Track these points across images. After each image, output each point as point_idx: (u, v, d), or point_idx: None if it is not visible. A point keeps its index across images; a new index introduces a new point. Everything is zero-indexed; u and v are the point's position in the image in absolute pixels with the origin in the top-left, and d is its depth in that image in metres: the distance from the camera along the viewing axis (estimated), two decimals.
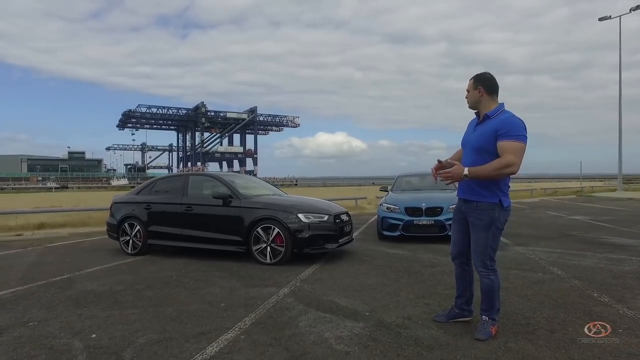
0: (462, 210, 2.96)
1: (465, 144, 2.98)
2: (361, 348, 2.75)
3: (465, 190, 2.92)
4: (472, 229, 2.89)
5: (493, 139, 2.72)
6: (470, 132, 2.97)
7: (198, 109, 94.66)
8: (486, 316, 2.92)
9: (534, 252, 6.16)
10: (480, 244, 2.85)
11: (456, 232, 3.06)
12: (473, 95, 2.88)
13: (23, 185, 43.78)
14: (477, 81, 2.87)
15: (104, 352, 2.76)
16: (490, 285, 2.87)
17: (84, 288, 4.48)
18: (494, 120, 2.79)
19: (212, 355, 2.69)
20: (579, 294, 3.88)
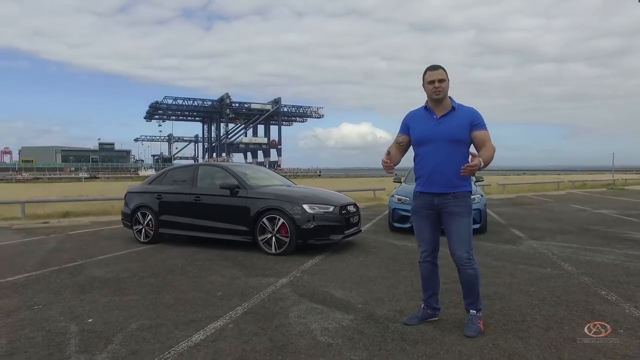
0: (435, 204, 2.83)
1: (434, 137, 2.78)
2: (345, 340, 2.74)
3: (442, 184, 2.79)
4: (453, 219, 2.79)
5: (468, 130, 2.76)
6: (431, 125, 2.81)
7: (223, 100, 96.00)
8: (474, 309, 2.84)
9: (548, 246, 5.94)
10: (464, 232, 2.79)
11: (426, 228, 2.91)
12: (447, 85, 2.78)
13: (57, 175, 45.72)
14: (445, 70, 2.80)
15: (96, 337, 2.86)
16: (475, 275, 2.82)
17: (92, 274, 4.64)
18: (463, 112, 2.81)
19: (196, 343, 2.73)
20: (585, 292, 3.72)
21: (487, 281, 4.13)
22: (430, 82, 2.75)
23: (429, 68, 2.80)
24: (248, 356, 2.53)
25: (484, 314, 3.17)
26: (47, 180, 41.32)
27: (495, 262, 5.02)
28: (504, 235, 7.07)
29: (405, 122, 2.96)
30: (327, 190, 6.90)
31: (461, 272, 2.84)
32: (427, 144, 2.82)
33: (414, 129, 2.88)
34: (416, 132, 2.86)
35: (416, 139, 2.87)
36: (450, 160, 2.74)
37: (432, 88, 2.75)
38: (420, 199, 2.91)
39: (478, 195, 7.28)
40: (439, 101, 2.78)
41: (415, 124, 2.89)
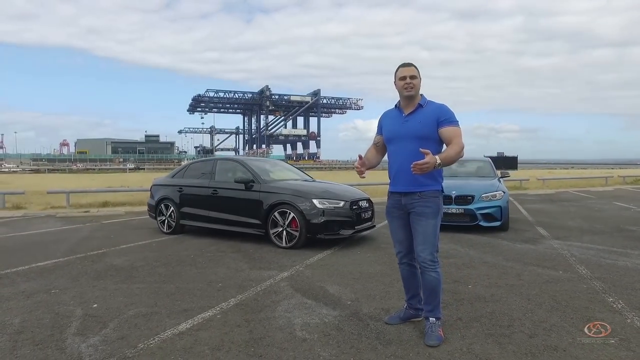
0: (403, 204, 2.78)
1: (400, 135, 2.75)
2: (320, 337, 2.79)
3: (407, 183, 2.72)
4: (419, 220, 2.72)
5: (434, 126, 2.69)
6: (398, 123, 2.77)
7: (263, 92, 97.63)
8: (433, 317, 2.75)
9: (570, 247, 5.65)
10: (429, 233, 2.71)
11: (400, 229, 2.87)
12: (419, 83, 2.74)
13: (107, 166, 48.66)
14: (417, 68, 2.74)
15: (95, 321, 3.10)
16: (437, 279, 2.72)
17: (111, 262, 4.98)
18: (429, 109, 2.74)
19: (181, 331, 2.89)
20: (591, 298, 3.53)
21: (489, 282, 4.03)
22: (402, 78, 2.71)
23: (401, 65, 2.76)
24: (224, 346, 2.65)
25: (471, 317, 3.12)
26: (96, 171, 44.07)
27: (505, 262, 4.86)
28: (526, 233, 6.78)
29: (379, 122, 2.94)
30: (342, 185, 6.92)
31: (424, 276, 2.75)
32: (394, 143, 2.79)
33: (385, 127, 2.87)
34: (385, 131, 2.86)
35: (385, 138, 2.86)
36: (415, 159, 2.55)
37: (403, 84, 2.70)
38: (391, 199, 2.87)
39: (500, 192, 7.02)
40: (410, 98, 2.73)
41: (386, 123, 2.87)
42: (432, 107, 2.74)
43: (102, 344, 2.69)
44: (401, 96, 2.77)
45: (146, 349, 2.61)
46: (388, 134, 2.82)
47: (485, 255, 5.21)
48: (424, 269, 2.74)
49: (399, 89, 2.75)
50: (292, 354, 2.54)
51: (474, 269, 4.58)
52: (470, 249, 5.59)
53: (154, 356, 2.52)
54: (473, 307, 3.34)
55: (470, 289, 3.84)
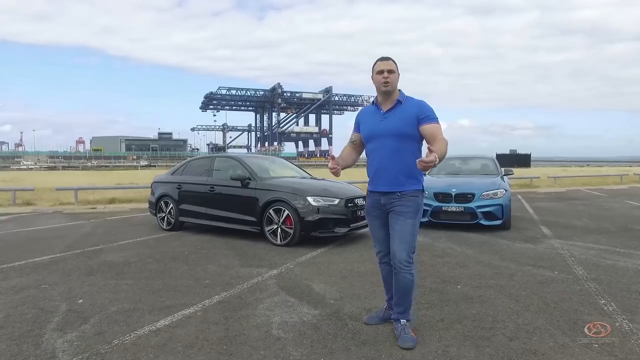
0: (382, 203, 2.69)
1: (380, 133, 2.65)
2: (296, 336, 2.76)
3: (388, 182, 2.64)
4: (398, 219, 2.63)
5: (415, 124, 2.61)
6: (377, 120, 2.67)
7: (274, 90, 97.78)
8: (404, 320, 2.69)
9: (571, 247, 5.50)
10: (407, 232, 2.63)
11: (379, 228, 2.79)
12: (397, 78, 2.63)
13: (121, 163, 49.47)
14: (395, 63, 2.63)
15: (76, 316, 3.12)
16: (411, 281, 2.65)
17: (105, 259, 5.03)
18: (408, 105, 2.65)
19: (158, 328, 2.90)
20: (582, 300, 3.42)
21: (479, 282, 3.94)
22: (380, 72, 2.60)
23: (379, 59, 2.65)
24: (197, 344, 2.64)
25: (454, 318, 3.06)
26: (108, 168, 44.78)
27: (500, 262, 4.75)
28: (527, 232, 6.63)
29: (357, 119, 2.84)
30: (339, 183, 6.86)
31: (398, 276, 2.66)
32: (373, 141, 2.69)
33: (363, 126, 2.77)
34: (364, 129, 2.75)
35: (364, 136, 2.75)
36: (395, 157, 2.60)
37: (380, 78, 2.59)
38: (370, 199, 2.79)
39: (501, 190, 6.88)
40: (388, 94, 2.64)
41: (364, 120, 2.77)
42: (412, 104, 2.65)
43: (78, 340, 2.71)
44: (378, 92, 2.67)
45: (120, 346, 2.62)
46: (367, 132, 2.73)
47: (481, 255, 5.11)
48: (399, 270, 2.64)
49: (376, 84, 2.64)
50: (262, 353, 2.52)
51: (467, 268, 4.49)
52: (467, 248, 5.49)
53: (126, 352, 2.53)
54: (458, 308, 3.26)
55: (459, 289, 3.76)
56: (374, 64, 2.66)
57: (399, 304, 2.71)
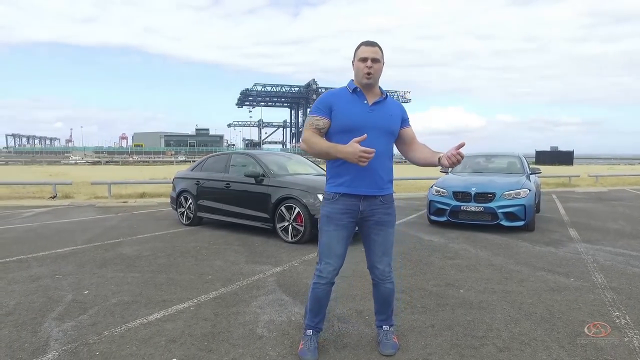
0: (360, 210, 2.36)
1: (367, 126, 2.29)
2: (279, 335, 2.75)
3: (371, 185, 2.34)
4: (380, 229, 2.42)
5: (399, 124, 2.44)
6: (363, 112, 2.32)
7: (309, 86, 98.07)
8: (387, 325, 2.58)
9: (597, 252, 5.15)
10: (390, 243, 2.48)
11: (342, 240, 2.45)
12: (381, 69, 2.34)
13: (160, 158, 51.50)
14: (381, 50, 2.33)
15: (78, 307, 3.27)
16: (393, 289, 2.52)
17: (121, 251, 5.23)
18: (393, 103, 2.46)
19: (150, 321, 2.98)
20: (592, 311, 3.18)
21: (485, 287, 3.77)
22: (363, 59, 2.28)
23: (364, 43, 2.32)
24: (180, 339, 2.69)
25: (446, 324, 2.94)
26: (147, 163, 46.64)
27: (514, 265, 4.52)
28: (553, 235, 6.28)
29: (327, 102, 2.34)
30: None
31: (379, 287, 2.51)
32: (355, 134, 2.21)
33: (342, 112, 2.31)
34: (345, 117, 2.30)
35: (344, 125, 2.30)
36: (383, 156, 2.34)
37: (363, 67, 2.27)
38: (341, 203, 2.35)
39: (525, 189, 6.55)
40: (369, 86, 2.34)
41: (342, 107, 2.32)
42: (393, 102, 2.47)
43: (73, 329, 2.83)
44: (358, 81, 2.35)
45: (109, 337, 2.71)
46: (350, 122, 2.30)
47: (495, 258, 4.89)
48: (381, 282, 2.49)
49: (356, 71, 2.33)
50: (240, 351, 2.53)
51: (476, 271, 4.31)
52: (481, 250, 5.27)
53: (112, 344, 2.62)
54: (453, 313, 3.13)
55: (462, 293, 3.61)
56: (357, 48, 2.34)
57: (381, 312, 2.58)
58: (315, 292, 2.44)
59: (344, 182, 2.36)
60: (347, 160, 2.17)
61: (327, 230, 2.41)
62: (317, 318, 2.51)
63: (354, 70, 2.36)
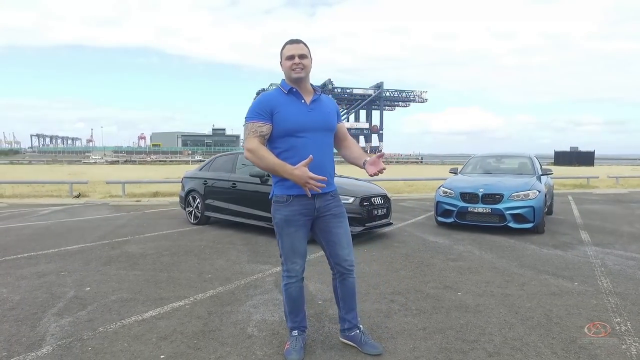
0: (316, 207, 2.40)
1: (310, 126, 2.34)
2: (268, 335, 2.77)
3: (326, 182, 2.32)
4: (339, 221, 2.47)
5: (335, 120, 2.49)
6: (303, 111, 2.34)
7: (325, 86, 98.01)
8: (360, 324, 2.59)
9: (607, 255, 5.00)
10: (349, 234, 2.54)
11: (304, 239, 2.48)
12: (310, 64, 2.37)
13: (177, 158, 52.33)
14: (307, 47, 2.38)
15: (78, 303, 3.35)
16: (355, 283, 2.57)
17: (127, 249, 5.34)
18: (326, 99, 2.50)
19: (144, 318, 3.03)
20: (592, 316, 3.09)
21: (484, 290, 3.71)
22: (290, 57, 2.32)
23: (288, 42, 2.37)
24: (171, 336, 2.73)
25: (438, 327, 2.90)
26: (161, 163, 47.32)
27: (517, 269, 4.43)
28: (562, 237, 6.13)
29: (267, 106, 2.32)
30: (358, 181, 6.75)
31: (346, 281, 2.53)
32: (302, 135, 2.31)
33: (284, 115, 2.31)
34: (288, 120, 2.31)
35: (288, 129, 2.31)
36: (328, 153, 2.41)
37: (291, 64, 2.31)
38: (296, 204, 2.37)
39: (534, 191, 6.41)
40: (300, 82, 2.35)
41: (283, 109, 2.32)
42: (326, 98, 2.52)
43: (70, 325, 2.91)
44: (289, 78, 2.37)
45: (103, 333, 2.78)
46: (293, 124, 2.31)
47: (499, 260, 4.80)
48: (347, 274, 2.52)
49: (286, 70, 2.36)
50: (228, 350, 2.55)
51: (478, 274, 4.24)
52: (486, 252, 5.18)
53: (105, 340, 2.67)
54: (447, 316, 3.09)
55: (459, 296, 3.56)
56: (283, 47, 2.38)
57: (352, 309, 2.57)
58: (288, 292, 2.49)
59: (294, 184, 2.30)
60: (292, 180, 2.21)
61: (288, 232, 2.43)
62: (299, 317, 2.54)
63: (283, 71, 2.39)
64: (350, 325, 2.58)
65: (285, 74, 2.39)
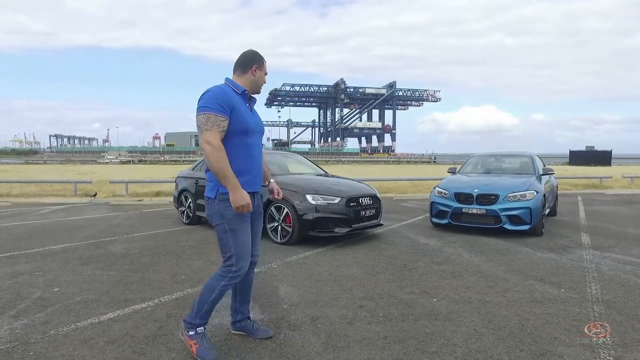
0: (255, 205, 2.53)
1: (258, 129, 2.49)
2: (220, 340, 2.66)
3: (259, 182, 2.53)
4: (259, 218, 2.64)
5: None
6: (251, 114, 2.45)
7: (338, 85, 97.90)
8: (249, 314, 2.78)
9: (604, 260, 4.74)
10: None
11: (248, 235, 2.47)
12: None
13: (190, 158, 52.82)
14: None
15: (40, 304, 3.30)
16: (254, 277, 2.77)
17: (110, 249, 5.31)
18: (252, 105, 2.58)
19: (100, 321, 2.95)
20: (572, 326, 2.89)
21: (462, 296, 3.52)
22: (266, 73, 2.53)
23: (264, 59, 2.52)
24: (120, 340, 2.64)
25: (401, 336, 2.75)
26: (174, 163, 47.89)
27: (503, 273, 4.22)
28: (560, 240, 5.86)
29: (229, 101, 2.29)
30: (348, 181, 6.60)
31: (249, 275, 2.64)
32: (252, 136, 2.42)
33: (240, 114, 2.34)
34: (244, 119, 2.35)
35: (246, 128, 2.36)
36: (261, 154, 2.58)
37: (265, 80, 2.54)
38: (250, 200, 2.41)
39: (531, 191, 6.16)
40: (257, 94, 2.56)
41: (239, 108, 2.35)
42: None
43: (22, 328, 2.85)
44: (254, 87, 2.49)
45: (52, 337, 2.70)
46: (247, 125, 2.37)
47: (486, 264, 4.59)
48: (252, 267, 2.66)
49: (258, 81, 2.49)
50: (173, 356, 2.45)
51: (460, 279, 4.05)
52: (475, 255, 4.98)
53: (50, 344, 2.60)
54: (415, 325, 2.93)
55: (434, 302, 3.39)
56: (261, 60, 2.49)
57: (247, 301, 2.74)
58: (223, 292, 2.46)
59: (247, 181, 2.38)
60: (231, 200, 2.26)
61: (243, 228, 2.40)
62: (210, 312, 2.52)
63: (253, 77, 2.46)
64: (242, 317, 2.72)
65: (254, 82, 2.47)
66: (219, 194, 2.36)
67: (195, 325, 2.43)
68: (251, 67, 2.45)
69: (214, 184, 2.36)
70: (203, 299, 2.42)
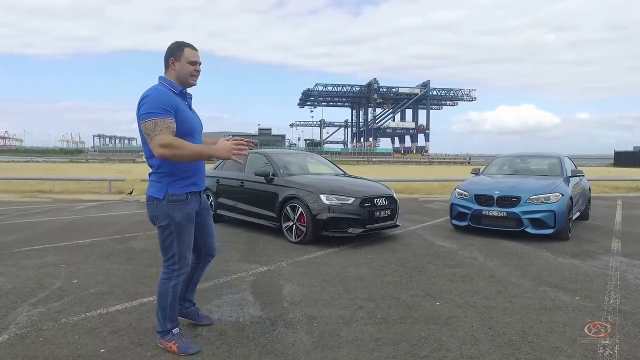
0: (201, 203, 2.61)
1: (199, 128, 2.53)
2: (215, 336, 2.73)
3: (204, 180, 2.59)
4: (208, 213, 2.73)
5: None
6: (190, 113, 2.46)
7: (370, 85, 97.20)
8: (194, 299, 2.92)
9: (632, 268, 4.47)
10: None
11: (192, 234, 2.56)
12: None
13: None
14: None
15: (58, 294, 3.51)
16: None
17: (131, 245, 5.55)
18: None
19: (109, 312, 3.11)
20: (577, 336, 2.76)
21: (467, 301, 3.44)
22: (193, 62, 2.40)
23: (189, 46, 2.40)
24: (122, 331, 2.77)
25: (394, 339, 2.72)
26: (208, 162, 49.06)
27: (518, 279, 4.07)
28: (587, 245, 5.58)
29: (172, 103, 2.29)
30: (364, 181, 6.56)
31: (204, 267, 2.83)
32: (195, 136, 2.43)
33: (183, 115, 2.35)
34: (187, 120, 2.37)
35: (189, 129, 2.38)
36: None
37: (193, 70, 2.40)
38: (193, 202, 2.47)
39: (556, 194, 5.89)
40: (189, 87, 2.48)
41: (181, 109, 2.35)
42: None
43: (38, 315, 3.04)
44: (183, 82, 2.41)
45: (62, 325, 2.87)
46: (191, 125, 2.41)
47: (500, 269, 4.45)
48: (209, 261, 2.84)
49: (184, 74, 2.38)
50: (170, 353, 2.54)
51: (469, 283, 3.95)
52: (491, 259, 4.83)
53: (59, 331, 2.77)
54: (411, 328, 2.89)
55: (436, 306, 3.32)
56: (180, 49, 2.38)
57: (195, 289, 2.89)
58: (175, 290, 2.51)
59: (194, 182, 2.48)
60: (218, 157, 2.29)
61: (188, 230, 2.48)
62: (176, 314, 2.59)
63: (176, 70, 2.38)
64: (189, 304, 2.86)
65: (180, 76, 2.39)
66: (168, 195, 2.37)
67: (168, 330, 2.52)
68: (169, 62, 2.40)
69: (162, 185, 2.38)
70: (162, 305, 2.50)
